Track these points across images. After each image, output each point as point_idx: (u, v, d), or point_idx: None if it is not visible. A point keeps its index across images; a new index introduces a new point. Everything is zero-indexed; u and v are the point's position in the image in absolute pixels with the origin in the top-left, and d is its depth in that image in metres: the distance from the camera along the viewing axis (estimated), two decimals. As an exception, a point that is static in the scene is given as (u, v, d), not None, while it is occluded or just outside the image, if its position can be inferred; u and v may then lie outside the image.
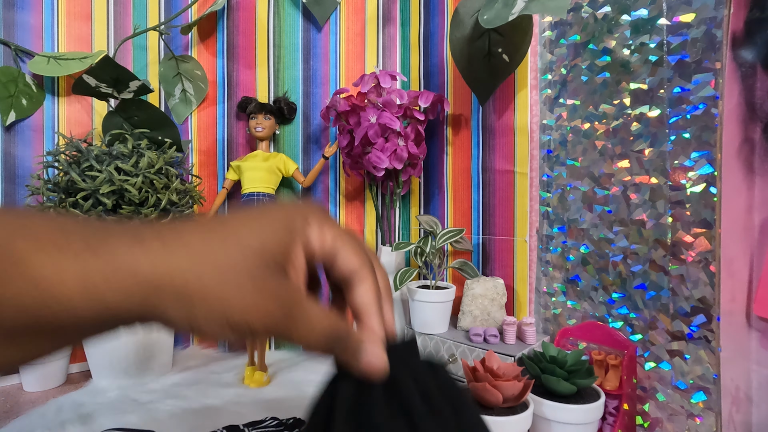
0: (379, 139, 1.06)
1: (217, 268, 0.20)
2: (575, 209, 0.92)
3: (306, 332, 0.23)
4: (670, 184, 0.76)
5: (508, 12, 0.80)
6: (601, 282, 0.87)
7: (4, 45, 1.10)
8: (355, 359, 0.24)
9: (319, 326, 0.23)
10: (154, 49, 1.23)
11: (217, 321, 0.20)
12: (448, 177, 1.18)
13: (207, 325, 0.20)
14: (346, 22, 1.30)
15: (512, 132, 1.02)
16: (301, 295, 0.23)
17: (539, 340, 0.92)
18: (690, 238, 0.73)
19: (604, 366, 0.81)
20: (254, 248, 0.22)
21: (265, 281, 0.22)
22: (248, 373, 1.04)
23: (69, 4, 1.15)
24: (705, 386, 0.71)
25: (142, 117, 1.09)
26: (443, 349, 0.95)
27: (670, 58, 0.76)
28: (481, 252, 1.09)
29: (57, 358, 1.07)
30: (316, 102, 1.31)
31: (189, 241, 0.21)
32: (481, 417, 0.26)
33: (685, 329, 0.74)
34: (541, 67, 0.99)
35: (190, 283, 0.20)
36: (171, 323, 0.20)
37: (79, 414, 0.87)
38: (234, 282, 0.21)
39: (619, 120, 0.83)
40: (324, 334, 0.23)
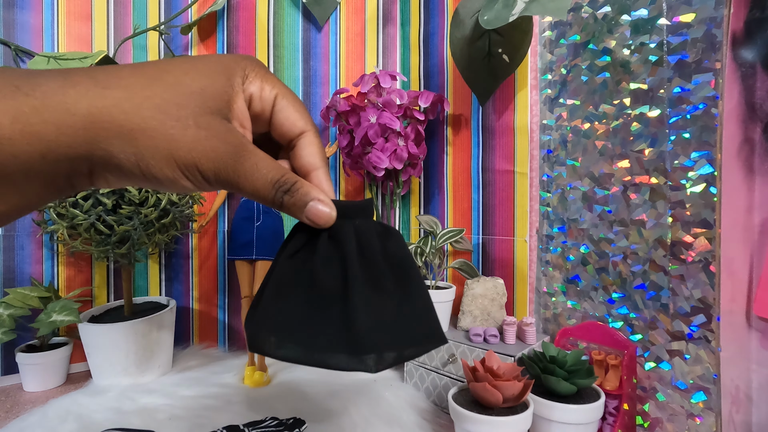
0: (379, 139, 1.06)
1: (158, 106, 0.20)
2: (575, 209, 0.92)
3: (253, 176, 0.22)
4: (670, 184, 0.76)
5: (508, 13, 0.80)
6: (601, 282, 0.87)
7: (4, 45, 1.10)
8: (302, 207, 0.24)
9: (266, 170, 0.23)
10: (154, 49, 1.23)
11: (164, 158, 0.20)
12: (448, 177, 1.18)
13: (155, 164, 0.20)
14: (346, 22, 1.30)
15: (512, 132, 1.02)
16: (247, 141, 0.23)
17: (539, 340, 0.92)
18: (690, 238, 0.73)
19: (604, 366, 0.81)
20: (194, 91, 0.22)
21: (209, 121, 0.22)
22: (248, 373, 1.04)
23: (69, 4, 1.15)
24: (705, 386, 0.71)
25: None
26: (443, 349, 0.95)
27: (670, 58, 0.76)
28: (481, 252, 1.09)
29: (57, 358, 1.07)
30: (316, 102, 1.31)
31: (126, 82, 0.21)
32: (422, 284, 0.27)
33: (685, 329, 0.74)
34: (541, 67, 0.99)
35: (131, 119, 0.20)
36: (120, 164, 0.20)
37: (79, 414, 0.87)
38: (177, 118, 0.21)
39: (619, 120, 0.83)
40: (272, 179, 0.23)
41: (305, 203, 0.24)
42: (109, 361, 1.01)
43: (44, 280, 1.14)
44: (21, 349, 1.06)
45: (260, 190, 0.23)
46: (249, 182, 0.23)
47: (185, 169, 0.21)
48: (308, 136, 0.26)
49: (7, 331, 0.99)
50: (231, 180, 0.22)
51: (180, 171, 0.21)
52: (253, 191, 0.23)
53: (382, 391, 0.96)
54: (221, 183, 0.22)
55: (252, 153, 0.23)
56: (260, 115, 0.25)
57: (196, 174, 0.22)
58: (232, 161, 0.22)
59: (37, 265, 1.13)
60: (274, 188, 0.23)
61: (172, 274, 1.26)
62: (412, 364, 1.01)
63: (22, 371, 1.06)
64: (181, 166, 0.21)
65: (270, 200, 0.23)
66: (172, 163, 0.21)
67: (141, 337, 1.02)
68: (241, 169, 0.22)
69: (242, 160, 0.22)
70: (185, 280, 1.27)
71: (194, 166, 0.21)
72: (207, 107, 0.22)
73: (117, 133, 0.20)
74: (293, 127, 0.26)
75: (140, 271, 1.23)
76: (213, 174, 0.22)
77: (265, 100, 0.25)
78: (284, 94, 0.25)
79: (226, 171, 0.22)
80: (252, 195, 0.23)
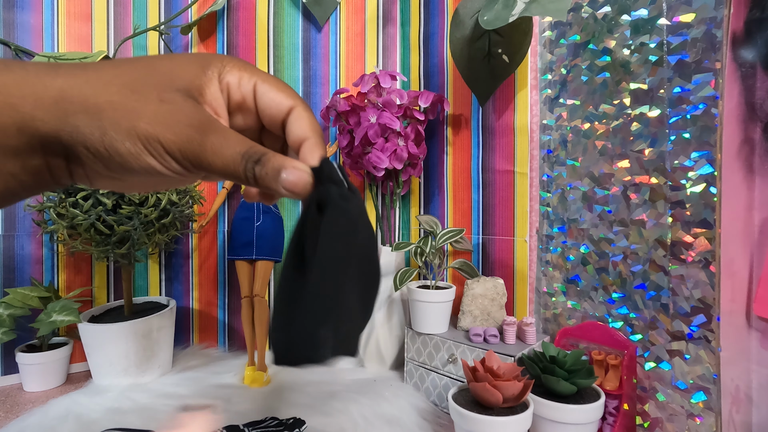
0: (379, 139, 1.06)
1: (124, 83, 0.21)
2: (575, 209, 0.92)
3: (221, 150, 0.21)
4: (670, 184, 0.76)
5: (508, 13, 0.80)
6: (601, 282, 0.87)
7: (4, 45, 1.10)
8: (276, 180, 0.22)
9: (234, 143, 0.22)
10: (154, 49, 1.23)
11: (125, 131, 0.20)
12: (448, 177, 1.18)
13: (118, 137, 0.20)
14: (346, 22, 1.30)
15: (512, 132, 1.02)
16: (215, 119, 0.22)
17: (539, 340, 0.92)
18: (690, 238, 0.73)
19: (604, 366, 0.81)
20: (164, 72, 0.22)
21: (173, 97, 0.21)
22: (248, 373, 1.04)
23: (69, 4, 1.15)
24: (705, 386, 0.71)
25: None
26: (443, 349, 0.95)
27: (670, 58, 0.76)
28: (481, 252, 1.09)
29: (57, 358, 1.07)
30: (316, 102, 1.31)
31: (100, 66, 0.21)
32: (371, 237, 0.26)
33: (685, 329, 0.74)
34: (541, 67, 0.99)
35: (97, 94, 0.20)
36: (86, 142, 0.20)
37: (79, 414, 0.87)
38: (141, 93, 0.21)
39: (619, 120, 0.83)
40: (240, 152, 0.22)
41: (278, 172, 0.22)
42: (109, 361, 1.01)
43: (44, 280, 1.14)
44: (21, 349, 1.06)
45: (229, 165, 0.22)
46: (217, 157, 0.21)
47: (147, 142, 0.20)
48: (296, 111, 0.25)
49: (7, 331, 0.99)
50: (198, 156, 0.21)
51: (142, 144, 0.20)
52: (223, 166, 0.22)
53: (382, 391, 0.96)
54: (188, 160, 0.21)
55: (220, 129, 0.22)
56: (243, 104, 0.25)
57: (159, 148, 0.21)
58: (198, 136, 0.21)
59: (37, 265, 1.13)
60: (243, 160, 0.22)
61: (172, 274, 1.26)
62: (412, 364, 1.01)
63: (22, 371, 1.06)
64: (143, 140, 0.20)
65: (242, 174, 0.22)
66: (134, 136, 0.20)
67: (141, 337, 1.02)
68: (208, 144, 0.21)
69: (208, 135, 0.22)
70: (185, 280, 1.27)
71: (156, 139, 0.21)
72: (174, 86, 0.22)
73: (83, 108, 0.20)
74: (280, 107, 0.25)
75: (140, 271, 1.23)
76: (177, 149, 0.21)
77: (244, 87, 0.24)
78: (264, 79, 0.25)
79: (191, 146, 0.21)
80: (222, 171, 0.22)
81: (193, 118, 0.22)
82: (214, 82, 0.24)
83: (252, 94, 0.25)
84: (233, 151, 0.22)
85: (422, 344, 0.99)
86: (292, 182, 0.22)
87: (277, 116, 0.25)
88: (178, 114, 0.21)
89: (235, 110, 0.25)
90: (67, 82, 0.20)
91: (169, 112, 0.21)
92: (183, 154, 0.21)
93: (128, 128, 0.20)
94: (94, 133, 0.20)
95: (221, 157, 0.22)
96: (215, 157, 0.22)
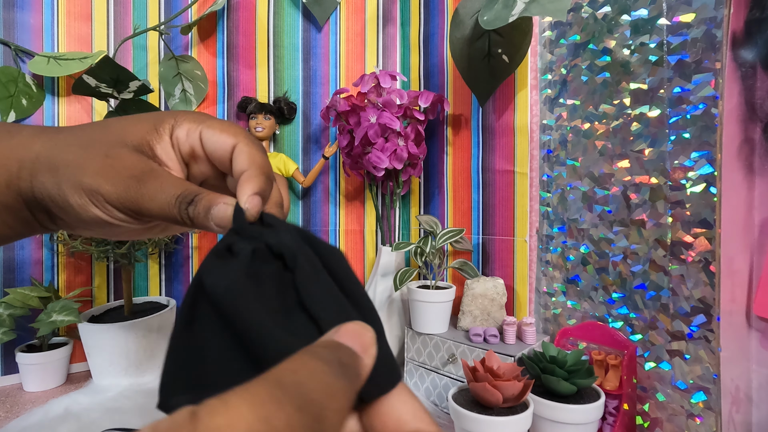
0: (379, 139, 1.06)
1: (80, 143, 0.23)
2: (575, 209, 0.92)
3: (157, 196, 0.22)
4: (670, 184, 0.76)
5: (507, 13, 0.80)
6: (601, 282, 0.87)
7: (4, 45, 1.10)
8: (207, 218, 0.22)
9: (169, 187, 0.22)
10: (154, 49, 1.23)
11: (73, 185, 0.22)
12: (448, 177, 1.18)
13: (68, 191, 0.22)
14: (346, 22, 1.30)
15: (512, 132, 1.02)
16: (158, 168, 0.23)
17: (539, 340, 0.92)
18: (690, 238, 0.73)
19: (604, 366, 0.81)
20: (115, 130, 0.24)
21: (119, 152, 0.23)
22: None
23: (69, 4, 1.15)
24: (705, 386, 0.71)
25: (142, 117, 1.09)
26: (443, 349, 0.95)
27: (670, 58, 0.76)
28: (481, 252, 1.09)
29: (57, 358, 1.07)
30: (316, 102, 1.31)
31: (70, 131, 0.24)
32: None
33: (685, 329, 0.74)
34: (541, 67, 0.99)
35: (59, 155, 0.23)
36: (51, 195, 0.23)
37: (79, 414, 0.87)
38: (90, 150, 0.23)
39: (619, 120, 0.83)
40: (174, 194, 0.22)
41: (208, 209, 0.22)
42: (109, 361, 1.01)
43: (44, 280, 1.14)
44: (21, 349, 1.06)
45: (164, 209, 0.22)
46: (153, 202, 0.22)
47: (90, 194, 0.22)
48: (238, 147, 0.24)
49: (7, 331, 0.99)
50: (136, 203, 0.22)
51: (86, 197, 0.22)
52: (159, 211, 0.22)
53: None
54: (128, 208, 0.22)
55: (160, 176, 0.23)
56: (194, 153, 0.25)
57: (100, 199, 0.22)
58: (135, 184, 0.22)
59: (37, 265, 1.13)
60: (177, 202, 0.22)
61: (172, 274, 1.26)
62: (412, 364, 1.01)
63: (22, 371, 1.06)
64: (87, 192, 0.22)
65: (177, 216, 0.22)
66: (80, 190, 0.22)
67: (141, 337, 1.02)
68: (145, 191, 0.22)
69: (146, 183, 0.22)
70: (185, 280, 1.27)
71: (97, 191, 0.22)
72: (124, 142, 0.23)
73: (48, 167, 0.23)
74: (224, 147, 0.25)
75: (140, 271, 1.23)
76: (117, 199, 0.22)
77: (191, 137, 0.25)
78: (209, 125, 0.25)
79: (129, 194, 0.22)
80: (160, 216, 0.22)
81: (134, 168, 0.23)
82: (165, 138, 0.25)
83: (199, 142, 0.25)
84: (168, 195, 0.22)
85: (422, 344, 0.99)
86: (219, 217, 0.22)
87: (224, 157, 0.25)
88: (119, 166, 0.23)
89: (190, 161, 0.26)
90: (43, 146, 0.23)
91: (110, 165, 0.22)
92: (122, 203, 0.22)
93: (75, 183, 0.22)
94: (54, 188, 0.22)
95: (157, 202, 0.22)
96: (151, 203, 0.22)
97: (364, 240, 1.33)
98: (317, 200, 1.32)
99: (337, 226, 1.33)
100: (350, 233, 1.33)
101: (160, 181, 0.23)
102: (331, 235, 1.33)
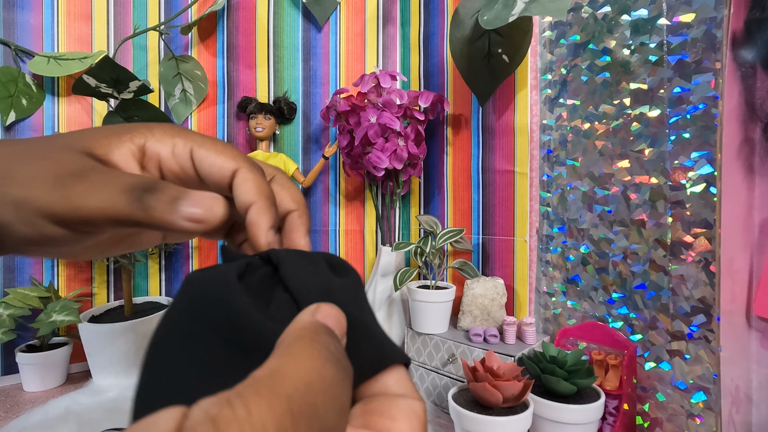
0: (379, 139, 1.06)
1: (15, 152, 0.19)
2: (575, 209, 0.92)
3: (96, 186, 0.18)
4: (670, 184, 0.76)
5: (508, 13, 0.80)
6: (601, 282, 0.87)
7: (4, 45, 1.10)
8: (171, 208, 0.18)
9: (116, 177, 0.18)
10: (154, 49, 1.23)
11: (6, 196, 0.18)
12: (448, 177, 1.18)
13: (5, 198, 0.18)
14: (346, 22, 1.30)
15: (512, 132, 1.02)
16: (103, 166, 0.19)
17: (539, 340, 0.92)
18: (690, 238, 0.73)
19: (604, 366, 0.81)
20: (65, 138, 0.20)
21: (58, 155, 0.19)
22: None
23: (69, 4, 1.15)
24: (705, 386, 0.71)
25: (142, 117, 1.09)
26: (443, 349, 0.95)
27: (670, 58, 0.76)
28: (481, 252, 1.09)
29: (57, 358, 1.07)
30: (316, 102, 1.31)
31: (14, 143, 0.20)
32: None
33: (685, 329, 0.74)
34: (541, 67, 0.99)
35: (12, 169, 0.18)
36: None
37: (78, 414, 0.87)
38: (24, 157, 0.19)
39: (619, 120, 0.83)
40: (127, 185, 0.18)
41: (175, 198, 0.18)
42: (109, 361, 1.01)
43: (44, 280, 1.14)
44: (21, 349, 1.06)
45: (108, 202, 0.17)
46: (92, 197, 0.17)
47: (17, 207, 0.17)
48: (241, 173, 0.22)
49: (7, 331, 0.99)
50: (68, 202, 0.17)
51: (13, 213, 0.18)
52: (99, 207, 0.17)
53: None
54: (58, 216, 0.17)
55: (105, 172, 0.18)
56: (181, 174, 0.22)
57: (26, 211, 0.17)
58: (70, 180, 0.18)
59: (37, 265, 1.13)
60: (128, 192, 0.17)
61: (172, 274, 1.26)
62: (413, 365, 1.01)
63: (22, 371, 1.06)
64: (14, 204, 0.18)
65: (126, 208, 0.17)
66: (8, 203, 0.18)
67: (141, 337, 1.02)
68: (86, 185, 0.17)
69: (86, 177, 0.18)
70: (185, 280, 1.27)
71: (24, 201, 0.17)
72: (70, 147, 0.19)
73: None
74: (222, 170, 0.22)
75: (140, 271, 1.23)
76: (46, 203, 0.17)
77: (179, 156, 0.22)
78: (201, 143, 0.22)
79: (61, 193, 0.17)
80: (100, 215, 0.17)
81: (69, 165, 0.18)
82: (127, 146, 0.21)
83: (190, 161, 0.22)
84: (117, 189, 0.17)
85: (422, 344, 0.99)
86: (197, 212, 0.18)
87: (221, 181, 0.22)
88: (55, 167, 0.18)
89: (173, 181, 0.22)
90: None
91: (45, 167, 0.18)
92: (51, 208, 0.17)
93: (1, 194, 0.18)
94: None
95: (97, 195, 0.17)
96: (89, 198, 0.17)
97: (364, 240, 1.33)
98: (317, 200, 1.32)
99: (337, 226, 1.33)
100: (350, 233, 1.33)
101: (104, 174, 0.18)
102: (331, 235, 1.33)
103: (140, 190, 0.18)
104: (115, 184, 0.18)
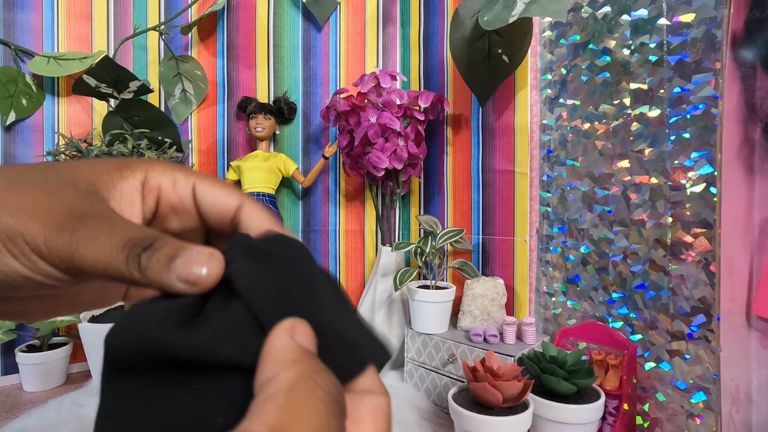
0: (379, 139, 1.06)
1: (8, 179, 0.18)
2: (575, 209, 0.92)
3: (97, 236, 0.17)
4: (670, 184, 0.76)
5: (508, 14, 0.80)
6: (601, 282, 0.87)
7: (4, 45, 1.10)
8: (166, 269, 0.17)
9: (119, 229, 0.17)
10: (154, 49, 1.23)
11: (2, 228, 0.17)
12: (448, 177, 1.18)
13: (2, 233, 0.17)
14: (346, 22, 1.30)
15: (512, 132, 1.02)
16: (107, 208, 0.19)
17: (539, 340, 0.92)
18: (690, 238, 0.73)
19: (604, 366, 0.81)
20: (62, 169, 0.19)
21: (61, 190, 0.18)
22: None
23: (69, 4, 1.15)
24: (705, 386, 0.71)
25: (142, 117, 1.09)
26: (443, 349, 0.95)
27: (670, 58, 0.76)
28: (481, 252, 1.09)
29: (57, 358, 1.07)
30: (316, 102, 1.31)
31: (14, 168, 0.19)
32: None
33: (685, 329, 0.74)
34: (541, 67, 0.99)
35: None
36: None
37: (79, 414, 0.87)
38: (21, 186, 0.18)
39: (619, 120, 0.83)
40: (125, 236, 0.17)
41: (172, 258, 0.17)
42: (109, 361, 1.01)
43: (44, 280, 1.14)
44: (21, 349, 1.06)
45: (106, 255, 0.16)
46: (91, 248, 0.16)
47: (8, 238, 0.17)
48: (246, 208, 0.22)
49: (7, 331, 0.99)
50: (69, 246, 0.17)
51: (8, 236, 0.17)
52: (96, 260, 0.16)
53: (382, 391, 0.96)
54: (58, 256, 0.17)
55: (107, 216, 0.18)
56: (180, 206, 0.22)
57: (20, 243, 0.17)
58: (72, 222, 0.17)
59: (37, 265, 1.13)
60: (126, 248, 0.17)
61: (172, 274, 1.26)
62: (412, 364, 1.01)
63: (22, 371, 1.06)
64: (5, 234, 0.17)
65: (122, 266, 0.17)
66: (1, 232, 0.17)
67: (141, 337, 1.02)
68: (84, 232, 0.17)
69: (87, 222, 0.17)
70: (185, 280, 1.27)
71: (18, 232, 0.16)
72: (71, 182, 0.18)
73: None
74: (225, 206, 0.22)
75: (140, 271, 1.23)
76: (44, 242, 0.16)
77: (180, 189, 0.22)
78: (202, 180, 0.23)
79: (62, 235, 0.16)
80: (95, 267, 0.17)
81: (74, 205, 0.17)
82: (130, 181, 0.20)
83: (191, 196, 0.22)
84: (116, 237, 0.17)
85: (422, 344, 0.99)
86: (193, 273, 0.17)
87: (224, 215, 0.22)
88: (56, 204, 0.17)
89: (169, 213, 0.22)
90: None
91: (45, 202, 0.17)
92: (50, 248, 0.17)
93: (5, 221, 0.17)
94: None
95: (97, 247, 0.17)
96: (88, 248, 0.16)
97: (364, 240, 1.33)
98: (317, 200, 1.32)
99: (337, 226, 1.33)
100: (350, 233, 1.33)
101: (107, 222, 0.17)
102: (331, 235, 1.33)
103: (139, 247, 0.17)
104: (115, 236, 0.17)
